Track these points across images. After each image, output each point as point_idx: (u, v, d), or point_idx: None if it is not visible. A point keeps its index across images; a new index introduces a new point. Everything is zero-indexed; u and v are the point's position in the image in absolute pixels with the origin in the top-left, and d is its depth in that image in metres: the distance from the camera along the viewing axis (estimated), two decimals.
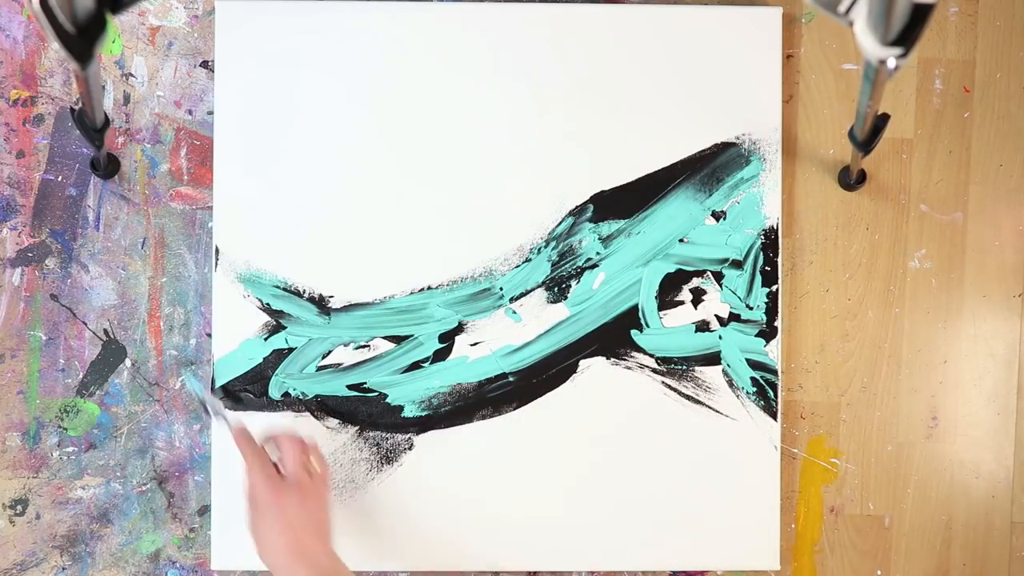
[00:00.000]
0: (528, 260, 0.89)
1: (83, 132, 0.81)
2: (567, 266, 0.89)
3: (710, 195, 0.89)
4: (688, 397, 0.89)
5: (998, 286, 0.92)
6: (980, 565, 0.92)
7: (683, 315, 0.90)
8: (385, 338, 0.89)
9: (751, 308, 0.89)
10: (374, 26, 0.89)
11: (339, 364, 0.89)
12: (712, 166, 0.89)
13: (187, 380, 0.85)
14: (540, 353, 0.89)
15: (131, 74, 0.90)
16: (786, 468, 0.91)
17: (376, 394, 0.89)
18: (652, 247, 0.90)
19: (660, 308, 0.90)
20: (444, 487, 0.89)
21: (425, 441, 0.89)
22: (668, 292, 0.90)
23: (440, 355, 0.89)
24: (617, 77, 0.89)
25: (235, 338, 0.88)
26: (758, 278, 0.89)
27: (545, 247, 0.89)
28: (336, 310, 0.89)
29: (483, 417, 0.89)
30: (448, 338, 0.89)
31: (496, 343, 0.89)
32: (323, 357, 0.89)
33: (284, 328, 0.89)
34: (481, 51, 0.89)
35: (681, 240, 0.90)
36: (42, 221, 0.90)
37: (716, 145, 0.89)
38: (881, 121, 0.80)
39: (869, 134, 0.80)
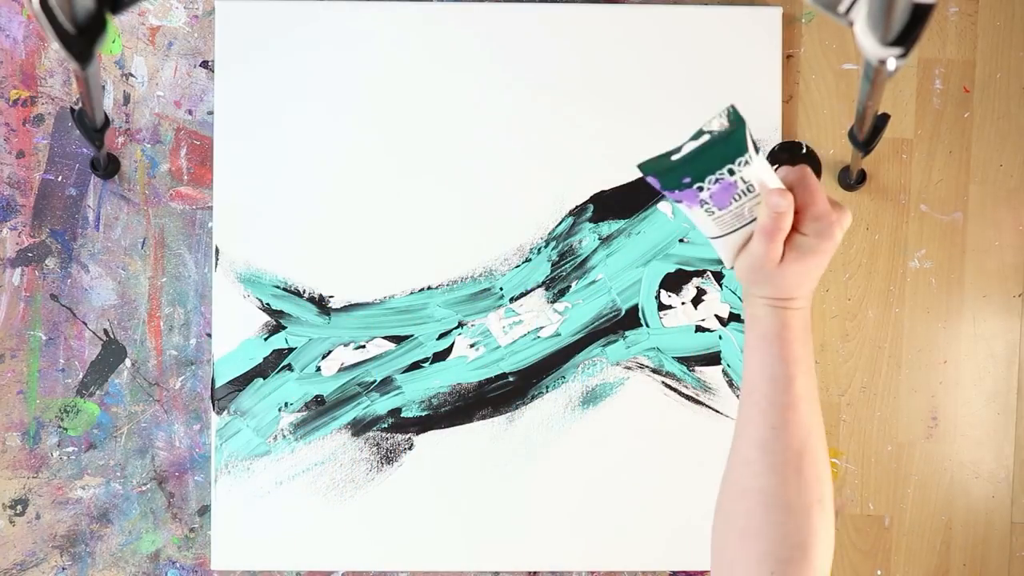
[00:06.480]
0: (528, 260, 0.89)
1: (83, 132, 0.81)
2: (567, 266, 0.89)
3: None
4: (688, 397, 0.89)
5: (998, 286, 0.92)
6: (980, 565, 0.92)
7: (683, 315, 0.89)
8: (385, 338, 0.89)
9: None
10: (374, 26, 0.89)
11: (339, 364, 0.89)
12: None
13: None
14: (540, 353, 0.89)
15: (131, 74, 0.90)
16: None
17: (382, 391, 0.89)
18: (652, 247, 0.90)
19: (660, 308, 0.89)
20: (444, 487, 0.89)
21: (425, 441, 0.89)
22: (668, 292, 0.89)
23: (440, 355, 0.89)
24: (617, 77, 0.89)
25: (235, 338, 0.88)
26: None
27: (545, 247, 0.89)
28: (336, 310, 0.89)
29: (483, 417, 0.89)
30: (448, 338, 0.89)
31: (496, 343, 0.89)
32: (323, 357, 0.89)
33: (284, 328, 0.89)
34: (481, 51, 0.89)
35: (681, 240, 0.90)
36: (42, 221, 0.89)
37: None
38: (881, 121, 0.80)
39: (869, 134, 0.80)
